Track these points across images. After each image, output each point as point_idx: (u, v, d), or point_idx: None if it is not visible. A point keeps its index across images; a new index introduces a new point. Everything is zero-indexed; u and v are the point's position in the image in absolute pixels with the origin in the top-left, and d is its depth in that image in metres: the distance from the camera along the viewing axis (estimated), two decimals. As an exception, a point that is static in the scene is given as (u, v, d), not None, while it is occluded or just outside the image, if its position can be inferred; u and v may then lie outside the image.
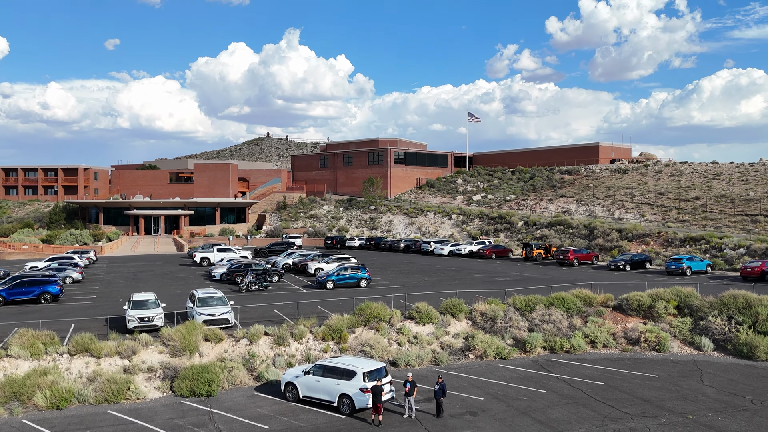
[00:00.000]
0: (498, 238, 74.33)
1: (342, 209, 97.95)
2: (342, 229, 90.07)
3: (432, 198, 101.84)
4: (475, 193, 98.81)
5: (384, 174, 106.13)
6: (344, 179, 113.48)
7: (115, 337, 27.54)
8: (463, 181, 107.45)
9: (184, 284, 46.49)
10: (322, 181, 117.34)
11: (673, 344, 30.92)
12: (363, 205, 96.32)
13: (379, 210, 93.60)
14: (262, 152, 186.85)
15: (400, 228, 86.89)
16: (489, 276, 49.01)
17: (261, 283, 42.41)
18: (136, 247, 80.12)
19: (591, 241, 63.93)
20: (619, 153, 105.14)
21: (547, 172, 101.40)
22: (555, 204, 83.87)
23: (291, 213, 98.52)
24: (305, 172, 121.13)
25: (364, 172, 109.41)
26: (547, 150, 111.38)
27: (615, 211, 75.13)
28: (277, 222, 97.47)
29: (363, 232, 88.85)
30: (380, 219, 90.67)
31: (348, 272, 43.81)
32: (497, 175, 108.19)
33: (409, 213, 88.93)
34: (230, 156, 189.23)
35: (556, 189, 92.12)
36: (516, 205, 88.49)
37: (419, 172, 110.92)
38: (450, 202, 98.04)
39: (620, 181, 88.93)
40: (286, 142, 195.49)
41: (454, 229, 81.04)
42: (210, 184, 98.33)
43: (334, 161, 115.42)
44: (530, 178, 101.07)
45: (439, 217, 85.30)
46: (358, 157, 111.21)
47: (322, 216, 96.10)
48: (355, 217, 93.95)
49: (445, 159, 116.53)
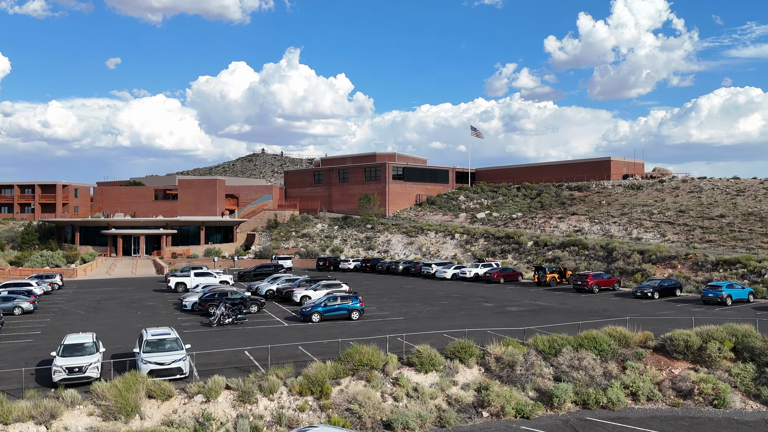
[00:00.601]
0: (505, 259, 68.75)
1: (336, 228, 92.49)
2: (336, 249, 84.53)
3: (432, 216, 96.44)
4: (478, 211, 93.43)
5: (381, 190, 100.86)
6: (339, 196, 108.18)
7: (33, 394, 21.85)
8: (465, 198, 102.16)
9: (151, 315, 40.85)
10: (316, 198, 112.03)
11: (734, 397, 25.27)
12: (359, 224, 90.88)
13: (376, 229, 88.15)
14: (256, 168, 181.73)
15: (398, 248, 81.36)
16: (499, 305, 43.40)
17: (236, 315, 36.80)
18: (112, 269, 74.46)
19: (610, 263, 58.37)
20: (631, 168, 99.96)
21: (556, 189, 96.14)
22: (566, 222, 78.43)
23: (282, 232, 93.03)
24: (299, 189, 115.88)
25: (360, 189, 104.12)
26: (554, 165, 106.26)
27: (633, 231, 69.66)
28: (267, 242, 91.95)
29: (358, 252, 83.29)
30: (377, 238, 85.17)
31: (337, 302, 38.21)
32: (502, 191, 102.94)
33: (409, 232, 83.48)
34: (223, 173, 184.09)
35: (566, 206, 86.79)
36: (523, 223, 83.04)
37: (419, 189, 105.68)
38: (452, 220, 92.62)
39: (635, 197, 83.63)
40: (281, 159, 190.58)
41: (457, 249, 75.50)
42: (195, 202, 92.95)
43: (329, 177, 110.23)
44: (537, 194, 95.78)
45: (440, 237, 79.83)
46: (354, 173, 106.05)
47: (315, 235, 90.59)
48: (351, 236, 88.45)
49: (446, 175, 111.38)
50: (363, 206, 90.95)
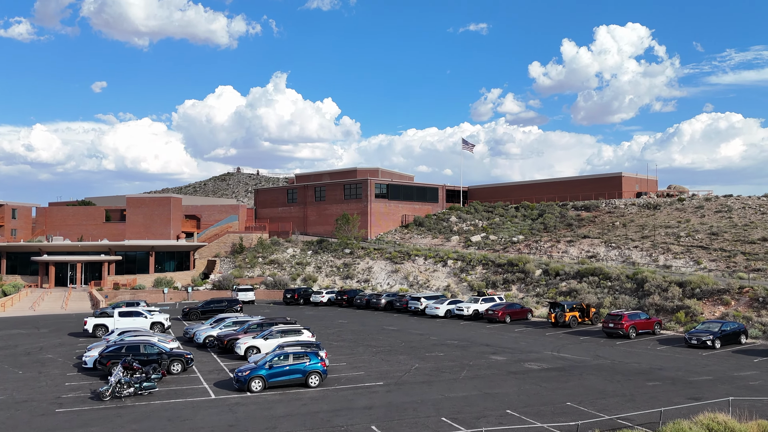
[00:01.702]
0: (509, 291, 58.33)
1: (310, 253, 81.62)
2: (309, 278, 73.63)
3: (421, 239, 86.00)
4: (473, 233, 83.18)
5: (363, 210, 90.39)
6: (316, 217, 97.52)
7: None
8: (457, 218, 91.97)
9: (34, 378, 29.82)
10: (289, 219, 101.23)
11: None
12: (336, 248, 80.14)
13: (356, 254, 77.46)
14: (229, 188, 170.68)
15: (381, 277, 70.63)
16: (514, 359, 32.84)
17: (140, 383, 25.88)
18: (38, 303, 62.86)
19: (641, 298, 48.16)
20: (644, 185, 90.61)
21: (560, 208, 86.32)
22: (577, 247, 68.34)
23: (248, 258, 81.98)
24: (270, 209, 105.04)
25: (338, 208, 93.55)
26: (557, 182, 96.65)
27: (658, 256, 59.66)
28: (229, 269, 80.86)
29: (334, 282, 72.45)
30: (357, 266, 74.43)
31: (289, 361, 27.43)
32: (498, 211, 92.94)
33: (393, 258, 72.86)
34: (193, 193, 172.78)
35: (573, 228, 76.87)
36: (526, 248, 72.83)
37: (405, 208, 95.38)
38: (443, 244, 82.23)
39: (653, 218, 73.95)
40: (256, 178, 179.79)
41: (451, 279, 64.94)
42: (146, 223, 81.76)
43: (304, 196, 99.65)
44: (539, 215, 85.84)
45: (430, 264, 69.28)
46: (332, 191, 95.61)
47: (285, 262, 79.63)
48: (326, 262, 77.63)
49: (435, 193, 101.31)
50: (340, 228, 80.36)
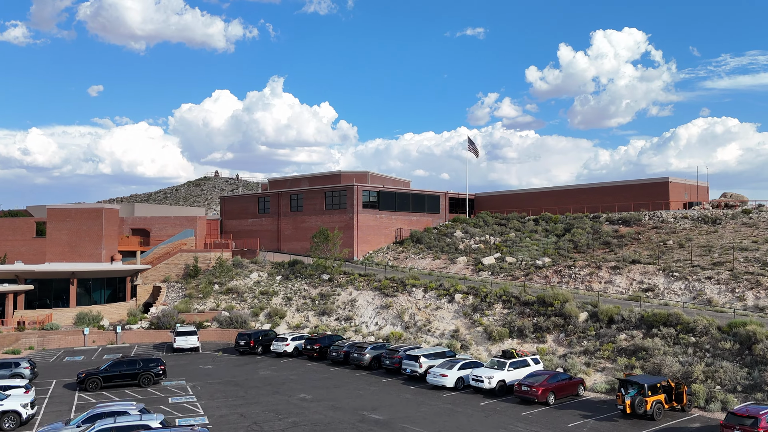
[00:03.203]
0: (543, 344, 42.85)
1: (279, 279, 65.98)
2: (275, 313, 58.09)
3: (419, 259, 70.53)
4: (484, 253, 67.76)
5: (347, 223, 74.93)
6: (291, 230, 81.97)
7: None
8: (463, 233, 76.62)
9: None
10: (261, 232, 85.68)
11: None
12: (312, 273, 64.51)
13: (336, 281, 61.91)
14: (203, 194, 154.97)
15: (367, 314, 55.11)
16: None
17: None
18: None
19: (751, 368, 32.69)
20: (693, 193, 75.51)
21: (591, 221, 71.03)
22: (625, 276, 52.98)
23: (202, 284, 66.39)
24: (239, 221, 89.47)
25: (318, 221, 78.09)
26: (585, 189, 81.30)
27: (745, 293, 44.38)
28: (178, 298, 65.29)
29: (308, 319, 56.92)
30: (337, 297, 58.87)
31: None
32: (513, 224, 77.59)
33: (384, 288, 57.34)
34: (162, 200, 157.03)
35: (612, 248, 61.59)
36: (556, 275, 57.43)
37: (400, 221, 79.96)
38: (447, 266, 66.77)
39: (716, 235, 58.73)
40: (235, 182, 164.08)
41: (460, 320, 49.45)
42: (72, 241, 66.05)
43: (278, 204, 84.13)
44: (566, 230, 70.51)
45: (432, 298, 53.75)
46: (310, 199, 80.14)
47: (248, 290, 64.00)
48: (299, 292, 62.04)
49: (436, 202, 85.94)
50: (317, 247, 64.74)
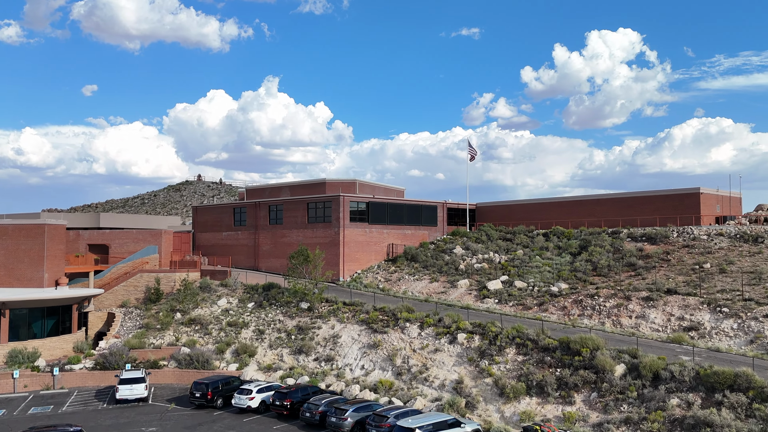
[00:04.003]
0: (569, 407, 34.34)
1: (252, 306, 57.34)
2: (244, 350, 49.51)
3: (414, 281, 62.07)
4: (489, 275, 59.35)
5: (332, 239, 66.39)
6: (270, 246, 73.39)
7: None
8: (464, 249, 68.25)
9: None
10: (237, 247, 77.10)
11: None
12: (289, 300, 55.88)
13: (317, 311, 53.32)
14: (182, 200, 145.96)
15: (352, 354, 46.54)
16: None
17: None
18: None
19: None
20: (726, 206, 67.24)
21: (610, 238, 62.73)
22: (660, 309, 44.63)
23: (162, 312, 57.74)
24: (213, 234, 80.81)
25: (300, 235, 69.56)
26: (600, 200, 72.94)
27: (818, 338, 36.05)
28: (135, 328, 56.64)
29: (282, 358, 48.35)
30: (317, 332, 50.29)
31: None
32: (520, 239, 69.27)
33: (372, 322, 48.76)
34: (139, 206, 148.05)
35: (639, 271, 53.33)
36: (576, 306, 49.03)
37: (392, 235, 71.51)
38: (446, 291, 58.34)
39: (761, 258, 50.59)
40: (218, 187, 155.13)
41: (463, 367, 40.91)
42: (8, 263, 57.16)
43: (256, 216, 75.51)
44: (582, 248, 62.20)
45: (430, 336, 45.19)
46: (291, 211, 71.57)
47: (214, 321, 55.36)
48: (273, 324, 53.44)
49: (433, 213, 77.50)
50: (296, 269, 56.06)
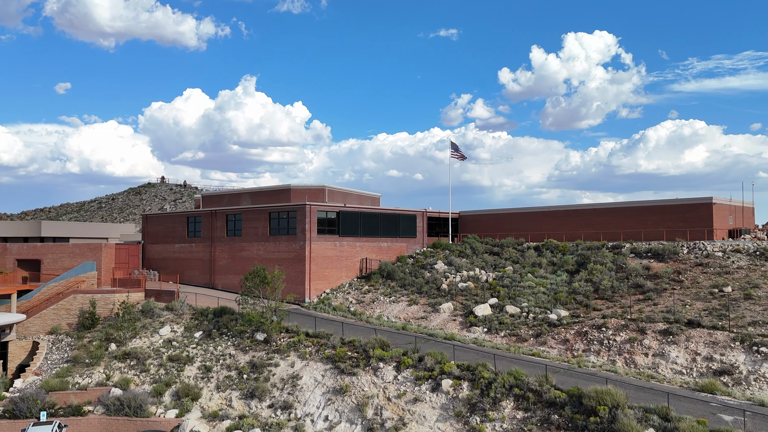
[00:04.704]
0: (588, 485, 27.08)
1: (199, 335, 49.27)
2: (186, 392, 41.49)
3: (390, 304, 54.62)
4: (476, 297, 52.16)
5: (298, 254, 58.66)
6: (227, 260, 65.34)
7: None
8: (447, 264, 61.06)
9: None
10: (191, 261, 68.94)
11: None
12: (242, 328, 47.92)
13: (275, 344, 45.47)
14: (142, 204, 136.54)
15: (314, 401, 38.77)
16: None
17: None
18: None
19: None
20: (738, 217, 60.92)
21: (611, 254, 55.96)
22: (682, 346, 37.76)
23: (95, 343, 49.51)
24: (164, 246, 72.49)
25: (261, 249, 61.71)
26: (598, 210, 66.18)
27: None
28: (62, 362, 48.34)
29: (230, 403, 40.39)
30: (273, 370, 42.44)
31: None
32: (509, 253, 62.27)
33: (339, 359, 41.06)
34: (96, 211, 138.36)
35: (648, 294, 46.58)
36: (579, 338, 41.94)
37: (366, 249, 64.01)
38: (427, 316, 50.97)
39: (791, 280, 44.07)
40: (181, 190, 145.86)
41: (449, 424, 33.41)
42: None
43: (212, 227, 67.40)
44: (580, 264, 55.39)
45: (408, 381, 37.57)
46: (252, 221, 63.63)
47: (153, 354, 47.21)
48: (222, 358, 45.46)
49: (412, 223, 70.15)
50: (251, 292, 48.06)
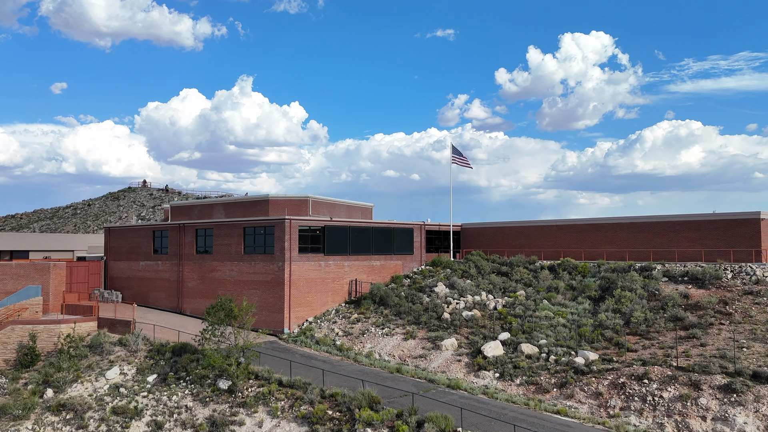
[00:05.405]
0: None
1: (153, 380, 41.29)
2: (127, 457, 33.49)
3: (383, 337, 46.85)
4: (483, 329, 44.39)
5: (275, 276, 50.85)
6: (197, 282, 57.46)
7: None
8: (449, 287, 53.37)
9: None
10: (157, 282, 61.08)
11: None
12: (204, 373, 39.88)
13: (240, 394, 37.52)
14: (120, 210, 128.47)
15: (284, 475, 30.90)
16: None
17: None
18: None
19: None
20: (786, 233, 53.18)
21: (641, 278, 48.26)
22: (750, 409, 30.06)
23: (31, 385, 41.55)
24: (128, 263, 64.59)
25: (234, 269, 53.90)
26: (622, 224, 58.30)
27: None
28: (-13, 410, 40.24)
29: (181, 474, 32.45)
30: (236, 431, 34.50)
31: None
32: (519, 274, 54.64)
33: (317, 422, 33.16)
34: (70, 218, 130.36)
35: (691, 330, 38.97)
36: (615, 391, 34.15)
37: (356, 268, 56.25)
38: (426, 354, 43.20)
39: None
40: (162, 196, 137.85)
41: None
42: None
43: (179, 243, 59.51)
44: (604, 290, 47.71)
45: (402, 449, 29.69)
46: (224, 237, 55.78)
47: (96, 404, 39.25)
48: (177, 412, 37.53)
49: (408, 238, 62.39)
50: (213, 330, 39.99)
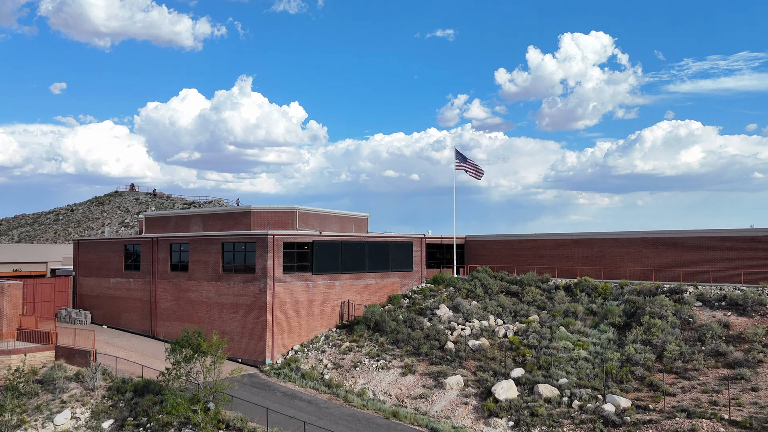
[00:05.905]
0: None
1: (108, 427, 35.49)
2: None
3: (378, 371, 41.16)
4: (493, 361, 38.72)
5: (257, 300, 45.15)
6: (171, 302, 51.77)
7: None
8: (452, 310, 47.71)
9: None
10: (129, 301, 55.43)
11: None
12: (168, 420, 34.13)
13: (208, 446, 31.75)
14: (103, 216, 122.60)
15: None
16: None
17: None
18: None
19: None
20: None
21: (672, 302, 42.55)
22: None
23: (-32, 429, 35.71)
24: (99, 279, 58.94)
25: (211, 290, 48.22)
26: (646, 240, 52.46)
27: None
28: None
29: None
30: (198, 497, 28.80)
31: None
32: (532, 294, 48.99)
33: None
34: (52, 223, 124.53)
35: (739, 370, 33.38)
36: (656, 451, 28.40)
37: (348, 288, 50.55)
38: (428, 394, 37.47)
39: None
40: (150, 200, 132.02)
41: None
42: None
43: (152, 259, 53.81)
44: (629, 316, 42.07)
45: None
46: (200, 253, 50.08)
47: (37, 456, 33.51)
48: (132, 468, 31.78)
49: (407, 252, 56.69)
50: (177, 371, 34.28)
